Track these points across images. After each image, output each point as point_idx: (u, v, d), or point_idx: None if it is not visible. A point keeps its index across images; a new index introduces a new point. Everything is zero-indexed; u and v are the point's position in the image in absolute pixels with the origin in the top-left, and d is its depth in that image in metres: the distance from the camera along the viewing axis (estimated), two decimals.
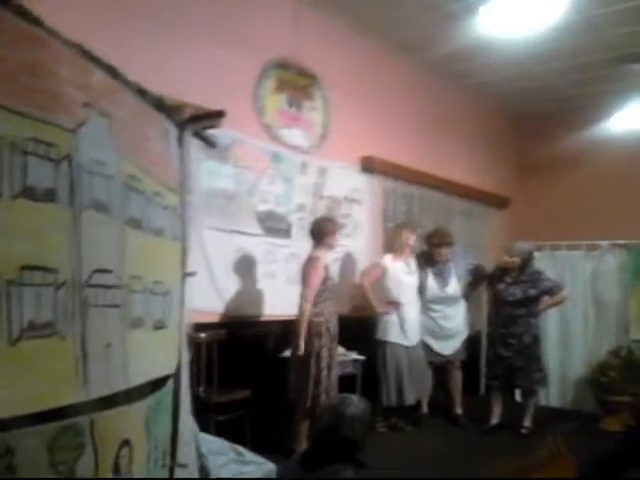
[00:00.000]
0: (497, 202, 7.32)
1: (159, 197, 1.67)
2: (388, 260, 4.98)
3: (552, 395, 5.81)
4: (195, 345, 3.60)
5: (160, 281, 1.64)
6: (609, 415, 5.07)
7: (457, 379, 5.24)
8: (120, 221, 1.41)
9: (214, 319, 4.29)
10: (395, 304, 4.87)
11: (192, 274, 1.81)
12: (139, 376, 1.43)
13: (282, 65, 4.90)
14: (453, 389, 5.24)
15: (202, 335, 3.91)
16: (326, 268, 4.23)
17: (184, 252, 1.83)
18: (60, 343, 1.13)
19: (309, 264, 4.19)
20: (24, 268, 1.07)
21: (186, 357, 1.84)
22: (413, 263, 5.06)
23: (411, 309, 4.94)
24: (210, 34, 4.31)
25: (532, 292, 4.89)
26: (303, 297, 4.11)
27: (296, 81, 5.05)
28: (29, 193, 1.10)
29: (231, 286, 4.48)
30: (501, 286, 5.00)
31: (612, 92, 6.46)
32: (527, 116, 7.67)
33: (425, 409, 5.19)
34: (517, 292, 4.90)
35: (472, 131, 7.11)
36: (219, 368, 3.99)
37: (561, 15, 4.66)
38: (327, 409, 2.35)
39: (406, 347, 4.86)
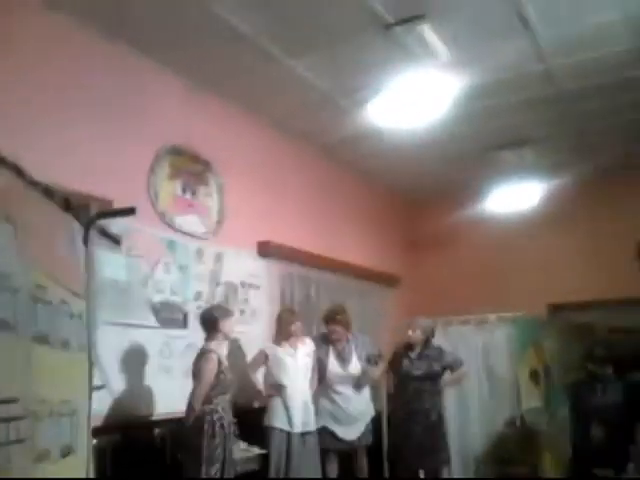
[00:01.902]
0: (388, 281, 7.51)
1: (65, 305, 1.51)
2: (269, 345, 4.87)
3: (455, 471, 5.83)
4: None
5: (67, 400, 1.46)
6: None
7: (363, 465, 5.11)
8: (26, 338, 1.25)
9: (104, 421, 3.91)
10: (277, 387, 4.70)
11: (100, 387, 1.64)
12: None
13: (175, 151, 4.82)
14: (360, 476, 5.09)
15: (93, 442, 3.53)
16: (220, 362, 4.03)
17: (91, 363, 1.66)
18: None
19: (202, 359, 3.99)
20: None
21: None
22: (304, 346, 4.92)
23: (297, 393, 4.70)
24: (101, 122, 4.17)
25: (436, 367, 4.99)
26: (193, 395, 3.91)
27: (190, 167, 4.97)
28: None
29: (123, 384, 4.12)
30: (406, 362, 5.06)
31: (487, 176, 7.00)
32: (415, 198, 8.10)
33: None
34: (422, 366, 4.98)
35: (365, 213, 7.36)
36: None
37: (442, 109, 5.05)
38: None
39: (292, 434, 4.60)
